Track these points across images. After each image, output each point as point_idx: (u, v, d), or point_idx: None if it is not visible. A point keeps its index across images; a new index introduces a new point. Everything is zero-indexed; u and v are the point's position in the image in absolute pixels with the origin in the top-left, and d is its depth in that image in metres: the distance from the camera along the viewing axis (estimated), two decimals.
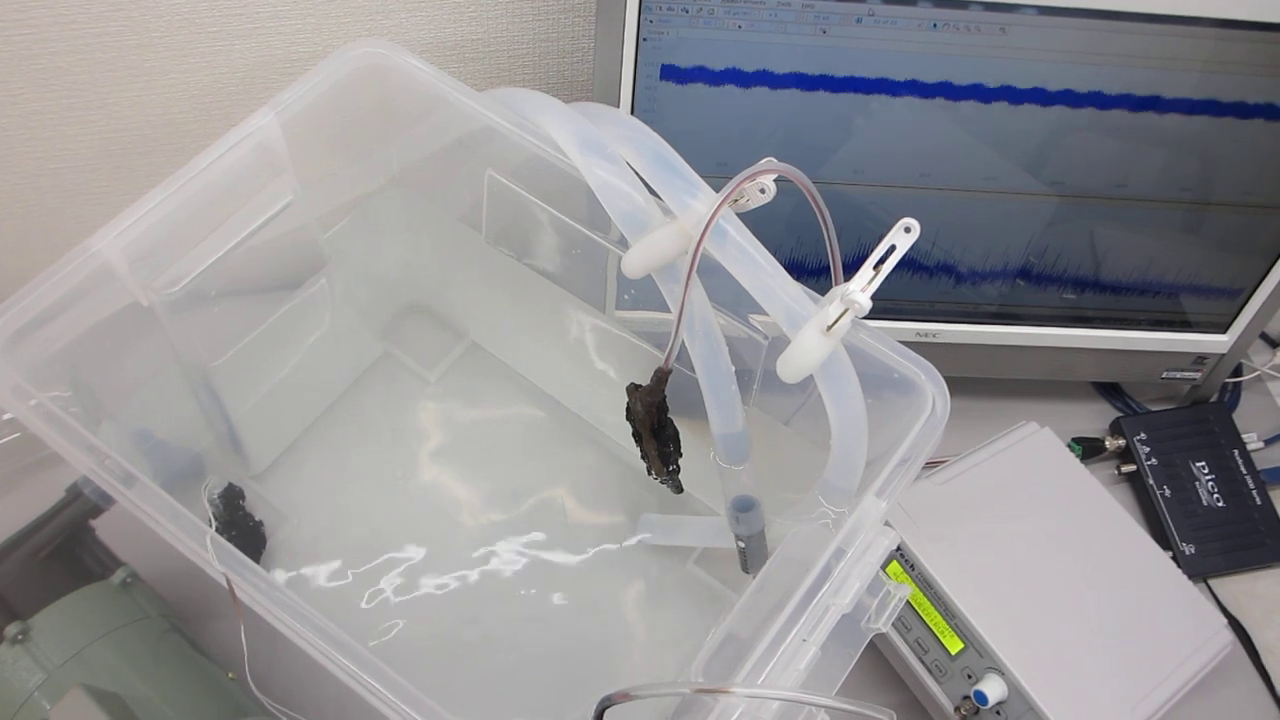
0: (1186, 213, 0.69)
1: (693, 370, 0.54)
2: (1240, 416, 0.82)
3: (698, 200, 0.51)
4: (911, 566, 0.65)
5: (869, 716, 0.42)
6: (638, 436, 0.60)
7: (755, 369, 0.60)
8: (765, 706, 0.43)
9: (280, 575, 0.68)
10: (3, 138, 0.69)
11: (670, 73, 0.61)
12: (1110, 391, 0.84)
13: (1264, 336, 0.88)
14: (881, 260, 0.49)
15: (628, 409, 0.58)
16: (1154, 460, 0.78)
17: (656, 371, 0.56)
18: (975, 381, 0.79)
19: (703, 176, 0.51)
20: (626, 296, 0.66)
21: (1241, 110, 0.64)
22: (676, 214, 0.51)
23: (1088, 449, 0.79)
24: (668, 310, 0.53)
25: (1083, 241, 0.71)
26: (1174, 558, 0.73)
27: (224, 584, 0.46)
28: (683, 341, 0.53)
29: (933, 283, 0.73)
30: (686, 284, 0.51)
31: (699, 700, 0.44)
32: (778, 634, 0.46)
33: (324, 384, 0.75)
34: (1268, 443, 0.81)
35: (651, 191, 0.53)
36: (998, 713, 0.61)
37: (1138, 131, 0.65)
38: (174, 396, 0.65)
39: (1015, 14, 0.59)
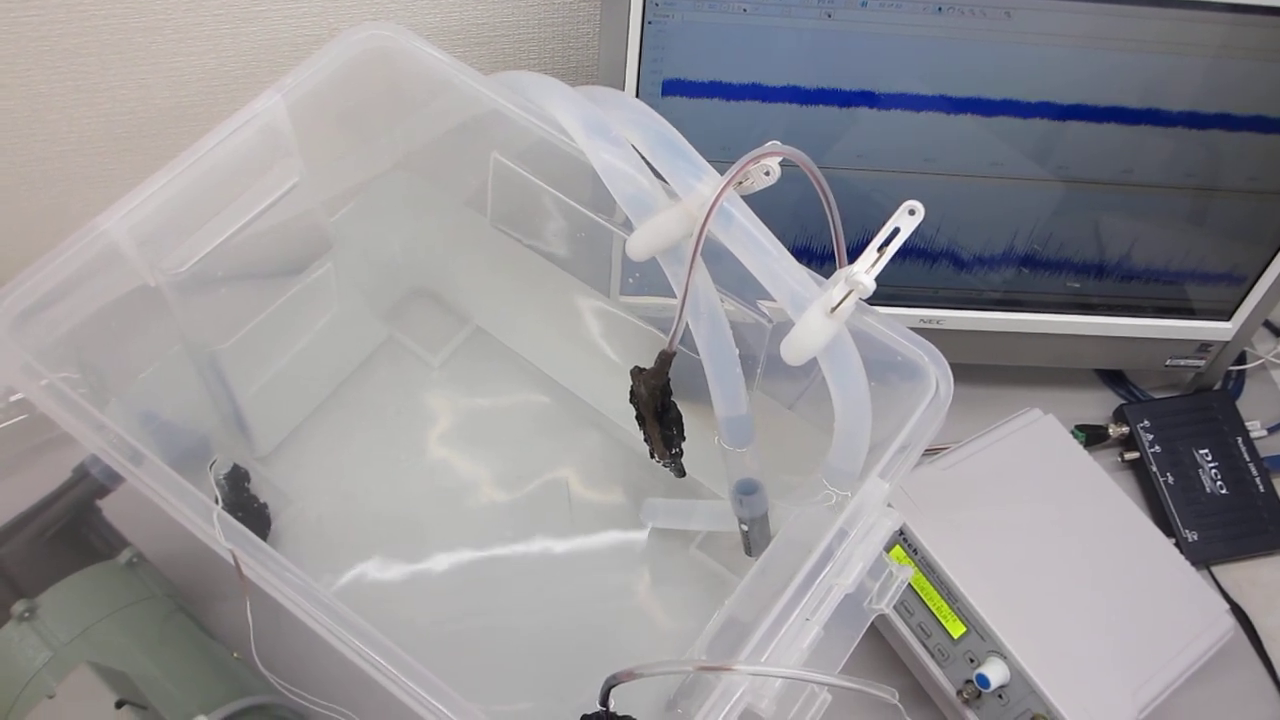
0: (1191, 199, 0.69)
1: (697, 353, 0.55)
2: (1244, 404, 0.82)
3: (702, 183, 0.51)
4: (915, 551, 0.65)
5: (872, 694, 0.42)
6: (641, 420, 0.60)
7: (759, 353, 0.60)
8: (768, 684, 0.43)
9: (285, 557, 0.68)
10: (10, 120, 0.69)
11: (674, 72, 0.62)
12: (1114, 379, 0.84)
13: (1268, 324, 0.87)
14: (886, 242, 0.49)
15: (631, 392, 0.59)
16: (1157, 447, 0.78)
17: (660, 354, 0.56)
18: (979, 368, 0.79)
19: (707, 160, 0.51)
20: (631, 280, 0.67)
21: (1250, 104, 0.64)
22: (681, 196, 0.51)
23: (1091, 436, 0.79)
24: (672, 294, 0.53)
25: (1087, 228, 0.71)
26: (1177, 544, 0.74)
27: (230, 561, 0.47)
28: (687, 325, 0.53)
29: (937, 269, 0.73)
30: (691, 266, 0.51)
31: (702, 679, 0.45)
32: (780, 613, 0.46)
33: (329, 368, 0.75)
34: (1271, 430, 0.81)
35: (656, 174, 0.53)
36: (1000, 696, 0.62)
37: (1142, 119, 0.65)
38: (180, 378, 0.66)
39: None
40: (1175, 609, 0.67)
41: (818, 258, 0.71)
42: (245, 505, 0.67)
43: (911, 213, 0.50)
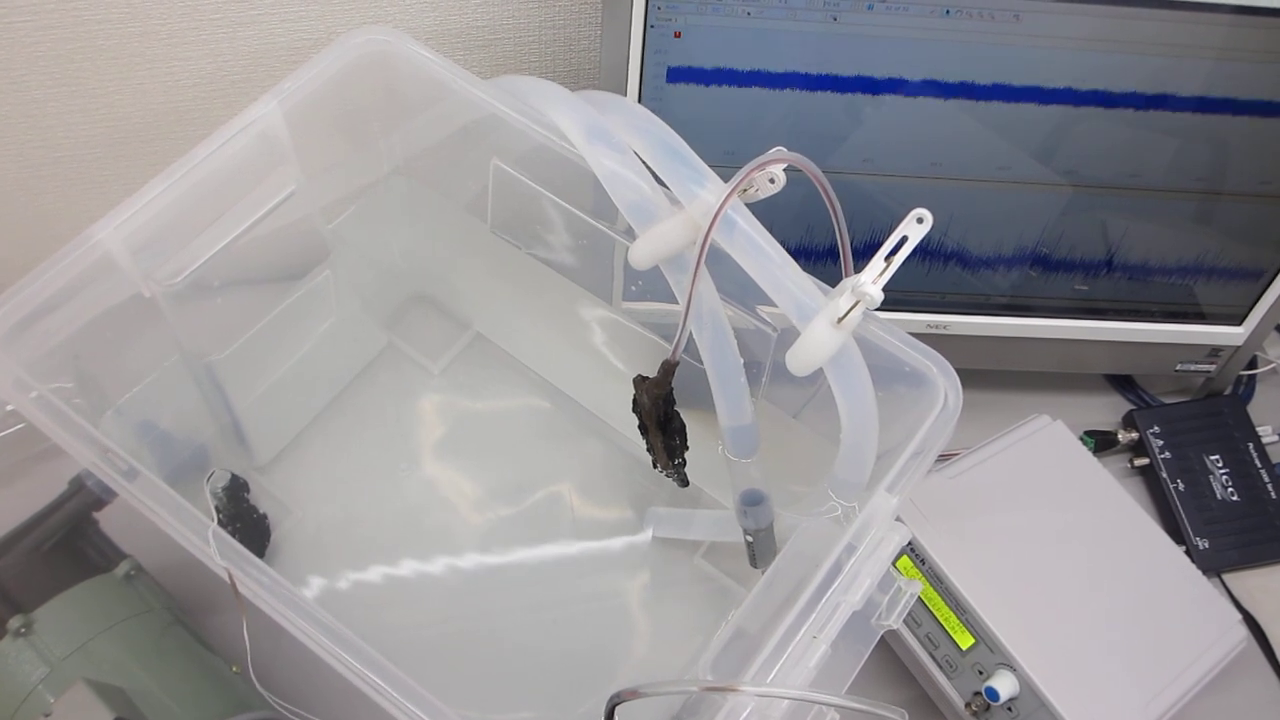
0: (1200, 203, 0.68)
1: (701, 362, 0.54)
2: (1255, 409, 0.81)
3: (706, 190, 0.50)
4: (922, 561, 0.64)
5: (880, 716, 0.41)
6: (644, 429, 0.59)
7: (764, 361, 0.60)
8: (775, 705, 0.42)
9: (284, 568, 0.67)
10: (5, 126, 0.69)
11: (677, 75, 0.61)
12: (1123, 384, 0.83)
13: (1279, 329, 0.86)
14: (893, 252, 0.48)
15: (634, 401, 0.58)
16: (1167, 453, 0.77)
17: (664, 364, 0.55)
18: (986, 374, 0.78)
19: (710, 166, 0.51)
20: (634, 288, 0.66)
21: (1257, 105, 0.63)
22: (684, 204, 0.51)
23: (1100, 442, 0.78)
24: (675, 302, 0.52)
25: (1096, 232, 0.70)
26: (1187, 552, 0.73)
27: (226, 579, 0.46)
28: (691, 333, 0.52)
29: (944, 274, 0.72)
30: (694, 275, 0.50)
31: (708, 698, 0.44)
32: (787, 631, 0.45)
33: (328, 376, 0.74)
34: None
35: (659, 181, 0.52)
36: (1009, 709, 0.61)
37: (1150, 121, 0.64)
38: (178, 388, 0.65)
39: (1029, 0, 0.58)
40: (1186, 619, 0.66)
41: (821, 257, 0.70)
42: (244, 516, 0.66)
43: (919, 220, 0.49)
